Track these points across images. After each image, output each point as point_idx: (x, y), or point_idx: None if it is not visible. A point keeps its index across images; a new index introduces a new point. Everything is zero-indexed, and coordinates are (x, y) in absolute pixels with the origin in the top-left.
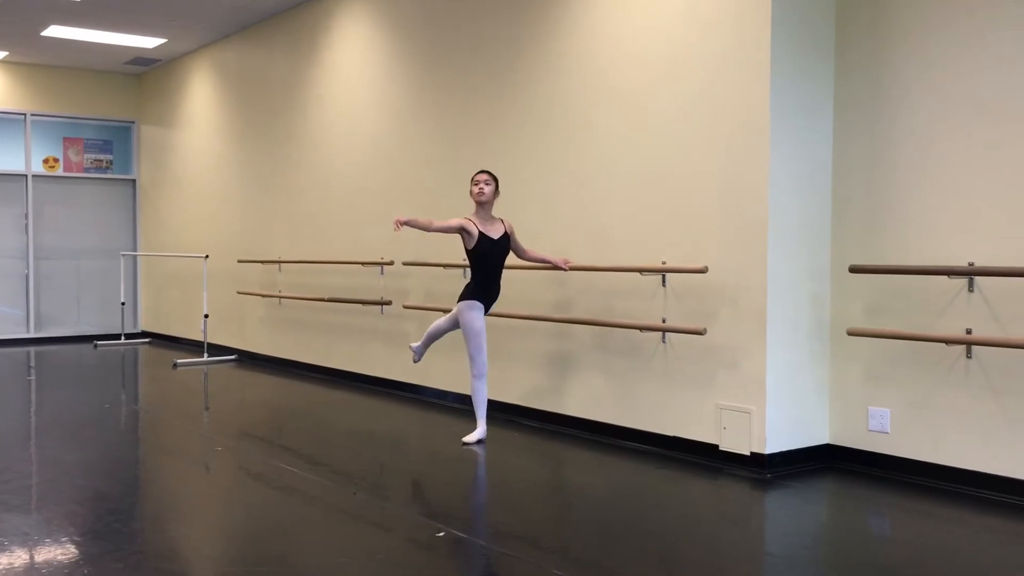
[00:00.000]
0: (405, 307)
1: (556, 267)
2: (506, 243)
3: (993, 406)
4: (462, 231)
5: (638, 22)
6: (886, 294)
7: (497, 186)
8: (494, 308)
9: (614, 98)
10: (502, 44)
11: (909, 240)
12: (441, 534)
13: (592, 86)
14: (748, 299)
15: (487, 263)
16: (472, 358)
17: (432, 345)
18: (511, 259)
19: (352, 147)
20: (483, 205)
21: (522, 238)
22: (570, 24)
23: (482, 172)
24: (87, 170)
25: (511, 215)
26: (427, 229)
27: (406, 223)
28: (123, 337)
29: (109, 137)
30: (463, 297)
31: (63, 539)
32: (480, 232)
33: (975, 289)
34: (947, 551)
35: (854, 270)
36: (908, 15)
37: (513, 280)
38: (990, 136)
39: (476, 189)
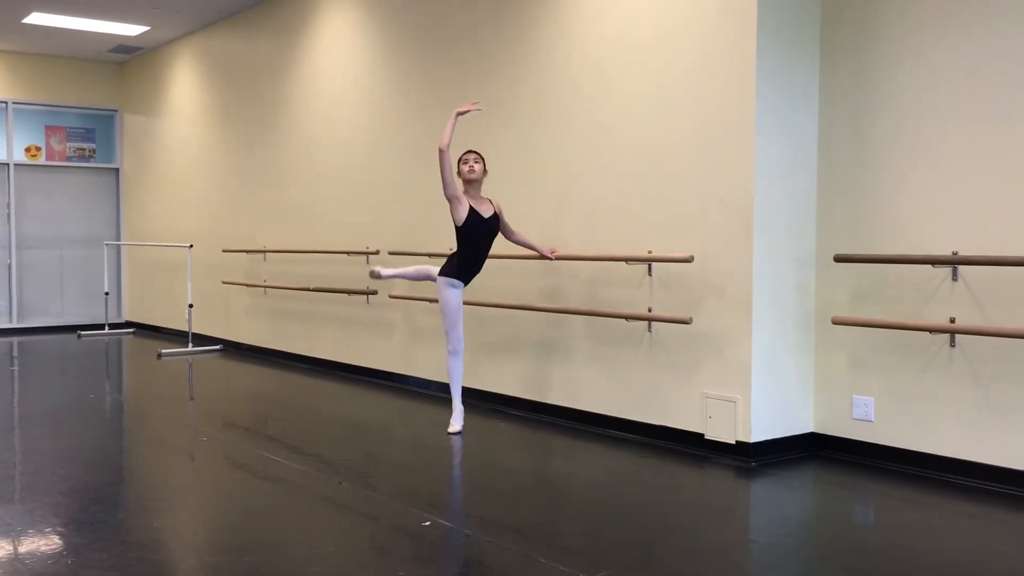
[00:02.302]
0: (391, 297)
1: (543, 256)
2: (495, 223)
3: (976, 394)
4: (454, 198)
5: (624, 11)
6: (871, 283)
7: (485, 165)
8: (480, 298)
9: (600, 87)
10: (488, 33)
11: (894, 229)
12: (427, 523)
13: (578, 75)
14: (734, 288)
15: (475, 241)
16: (447, 333)
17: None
18: (498, 247)
19: (337, 136)
20: (472, 184)
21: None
22: (556, 14)
23: (470, 151)
24: (70, 159)
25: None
26: (447, 134)
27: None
28: (107, 327)
29: (92, 125)
30: (444, 271)
31: (47, 529)
32: (471, 206)
33: (959, 278)
34: (930, 538)
35: (839, 259)
36: (895, 5)
37: (500, 269)
38: (974, 126)
39: (466, 168)
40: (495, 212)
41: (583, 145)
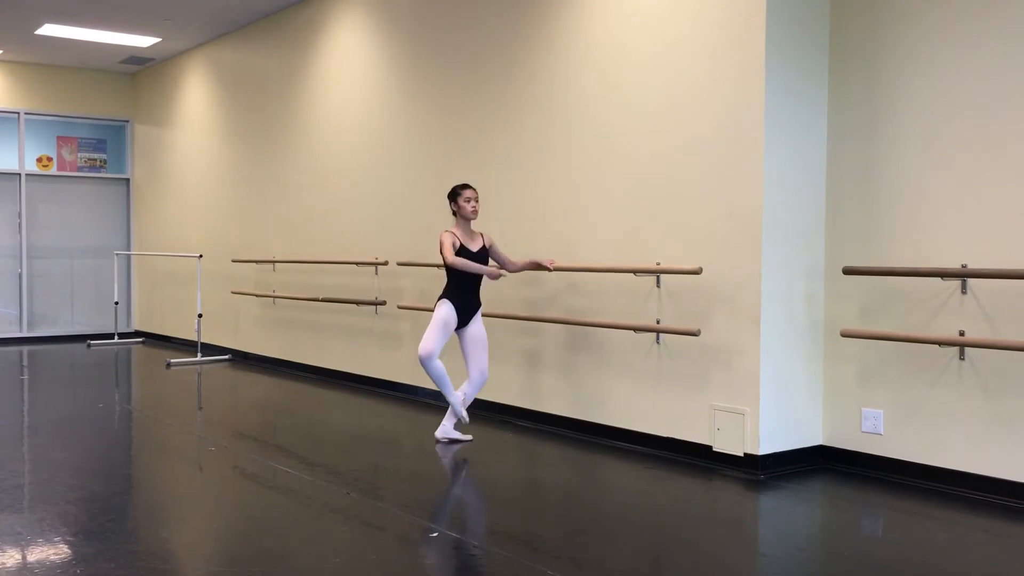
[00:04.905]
0: (400, 307)
1: (542, 267)
2: (484, 256)
3: (986, 407)
4: (449, 250)
5: (632, 22)
6: (880, 295)
7: None
8: (490, 310)
9: (609, 99)
10: (496, 45)
11: (903, 242)
12: (435, 534)
13: (586, 87)
14: (742, 300)
15: (463, 273)
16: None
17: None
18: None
19: (346, 147)
20: (468, 220)
21: (518, 240)
22: (565, 27)
23: (470, 188)
24: (81, 169)
25: (507, 217)
26: (468, 266)
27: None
28: (116, 336)
29: (103, 136)
30: (442, 296)
31: (56, 539)
32: (461, 244)
33: (968, 291)
34: (940, 552)
35: (848, 271)
36: (904, 18)
37: (507, 280)
38: (984, 139)
39: (470, 207)
40: (484, 245)
41: (591, 157)
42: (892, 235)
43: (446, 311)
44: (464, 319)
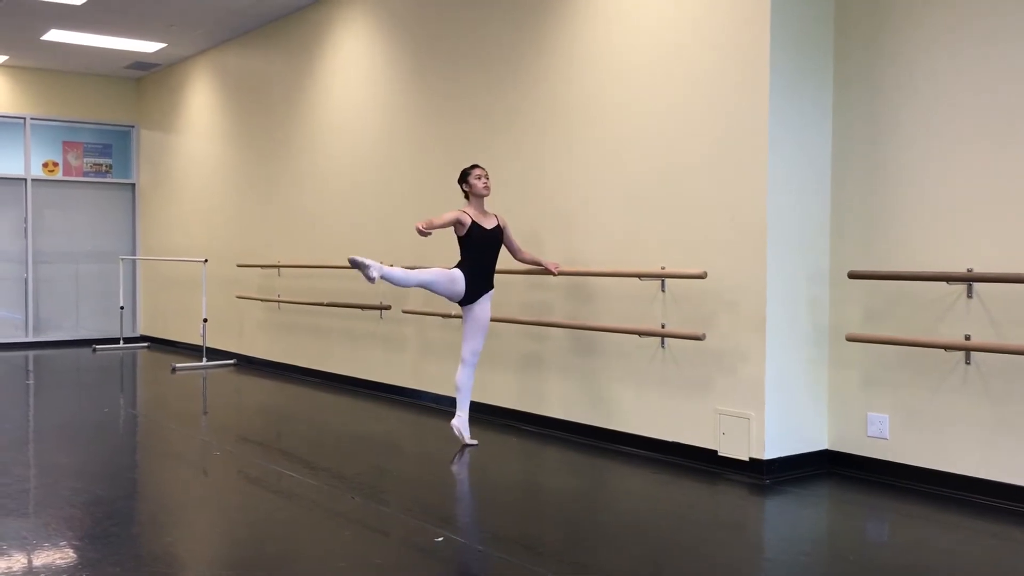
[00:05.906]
0: (404, 312)
1: (547, 271)
2: (498, 235)
3: (991, 412)
4: (456, 223)
5: (636, 27)
6: (885, 300)
7: None
8: (495, 313)
9: (612, 102)
10: (499, 50)
11: (908, 246)
12: (440, 539)
13: (590, 91)
14: (747, 304)
15: (477, 251)
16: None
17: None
18: (505, 263)
19: (350, 152)
20: (480, 198)
21: (522, 243)
22: (567, 31)
23: (479, 167)
24: (86, 174)
25: (510, 220)
26: (440, 226)
27: (427, 229)
28: (122, 341)
29: (108, 141)
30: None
31: (61, 543)
32: (473, 221)
33: (974, 295)
34: (945, 556)
35: (853, 276)
36: (908, 22)
37: (513, 284)
38: (990, 142)
39: (481, 184)
40: (498, 224)
41: (594, 160)
42: (897, 238)
43: (456, 272)
44: (472, 296)
